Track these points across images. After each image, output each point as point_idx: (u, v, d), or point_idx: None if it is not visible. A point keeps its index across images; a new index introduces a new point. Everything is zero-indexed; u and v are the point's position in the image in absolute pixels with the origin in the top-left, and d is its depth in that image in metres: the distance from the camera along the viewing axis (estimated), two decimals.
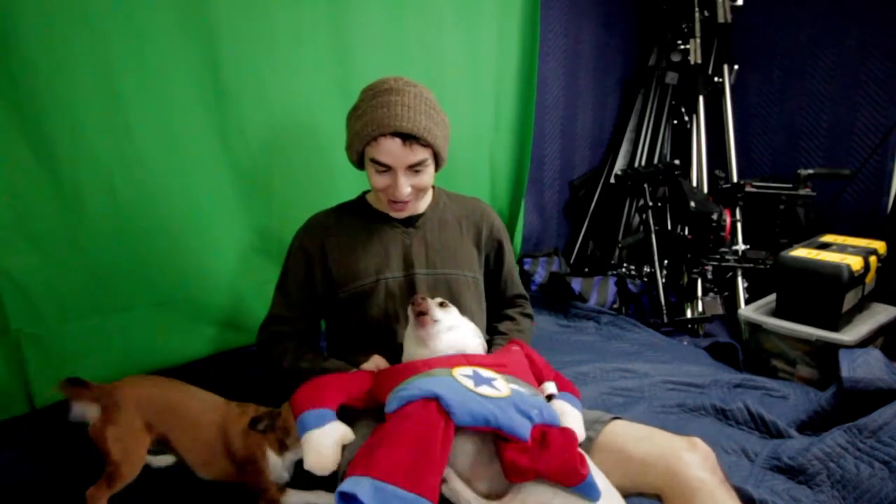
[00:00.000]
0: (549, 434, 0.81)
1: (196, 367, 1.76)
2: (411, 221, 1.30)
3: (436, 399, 0.80)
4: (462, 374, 0.87)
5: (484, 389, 0.84)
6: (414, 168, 1.17)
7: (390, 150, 1.13)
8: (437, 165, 1.24)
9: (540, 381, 1.05)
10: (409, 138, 1.12)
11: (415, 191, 1.20)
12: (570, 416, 0.97)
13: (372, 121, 1.13)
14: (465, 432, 0.82)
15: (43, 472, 1.33)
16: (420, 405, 0.79)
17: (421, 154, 1.15)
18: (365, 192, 1.37)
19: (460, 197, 1.42)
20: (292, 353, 1.25)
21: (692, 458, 0.91)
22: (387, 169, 1.16)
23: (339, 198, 1.39)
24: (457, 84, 2.18)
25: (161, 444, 1.17)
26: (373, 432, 0.81)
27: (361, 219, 1.30)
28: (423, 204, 1.32)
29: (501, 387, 0.86)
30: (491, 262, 1.39)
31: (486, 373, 0.90)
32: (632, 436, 0.99)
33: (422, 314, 1.01)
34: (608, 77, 3.10)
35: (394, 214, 1.27)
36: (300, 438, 0.90)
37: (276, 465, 1.14)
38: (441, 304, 1.07)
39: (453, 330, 1.02)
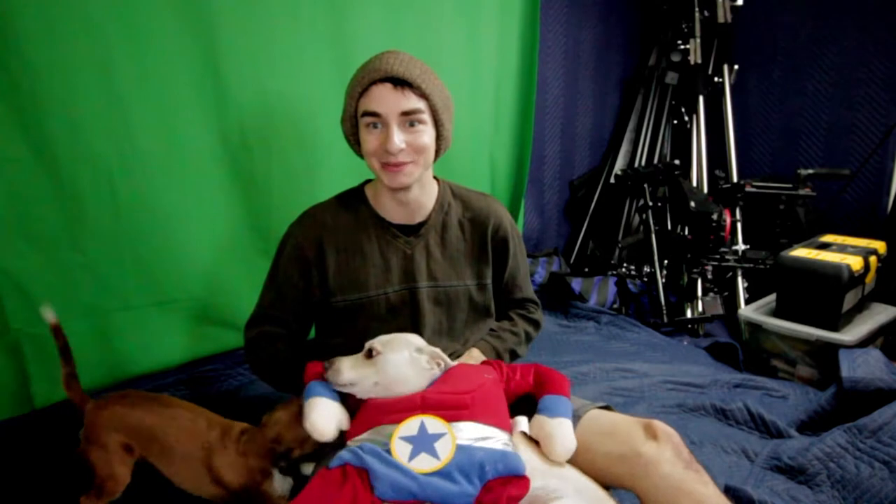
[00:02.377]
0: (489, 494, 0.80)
1: (195, 367, 1.77)
2: (414, 229, 1.21)
3: (366, 470, 0.79)
4: (404, 437, 0.84)
5: (420, 461, 0.80)
6: (408, 119, 1.08)
7: (381, 95, 1.06)
8: (439, 137, 1.14)
9: (516, 395, 1.01)
10: (400, 83, 1.06)
11: (411, 150, 1.09)
12: (555, 439, 0.90)
13: (362, 71, 1.09)
14: None
15: (43, 472, 1.33)
16: (352, 471, 0.79)
17: (415, 101, 1.07)
18: (365, 184, 1.27)
19: (468, 193, 1.30)
20: (287, 359, 1.18)
21: (653, 452, 0.90)
22: (379, 124, 1.08)
23: None
24: (457, 84, 2.17)
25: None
26: (314, 478, 0.82)
27: (362, 220, 1.21)
28: (427, 203, 1.22)
29: (444, 450, 0.82)
30: (496, 262, 1.30)
31: (434, 426, 0.85)
32: (596, 431, 0.98)
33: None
34: (608, 77, 3.10)
35: (388, 182, 1.13)
36: (307, 401, 0.93)
37: (282, 479, 1.09)
38: (369, 354, 0.96)
39: (383, 385, 0.94)
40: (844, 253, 1.88)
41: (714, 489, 0.88)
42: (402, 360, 0.96)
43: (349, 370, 0.95)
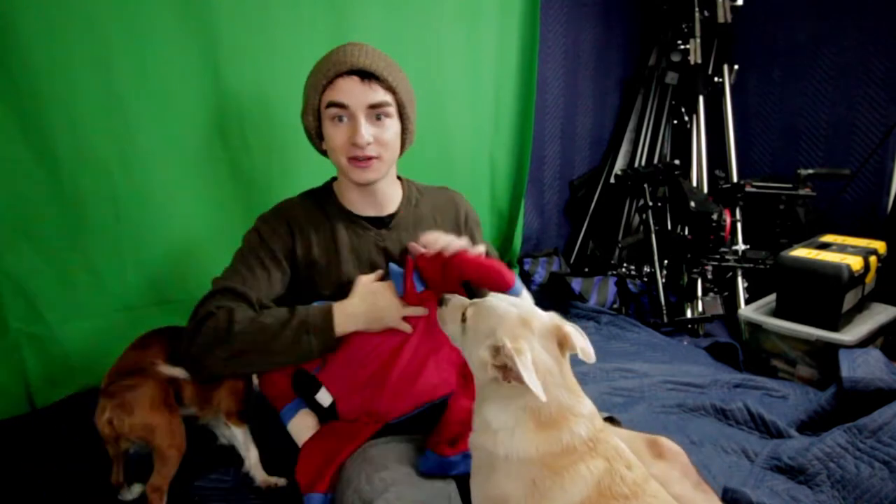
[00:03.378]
0: None
1: None
2: (385, 222, 1.21)
3: None
4: None
5: None
6: (375, 112, 1.08)
7: (348, 88, 1.06)
8: (404, 131, 1.15)
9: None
10: (367, 76, 1.06)
11: (378, 146, 1.09)
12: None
13: (326, 63, 1.08)
14: None
15: (43, 472, 1.33)
16: None
17: (382, 95, 1.08)
18: (331, 181, 1.26)
19: (430, 188, 1.32)
20: (242, 311, 1.05)
21: (661, 472, 0.88)
22: (345, 117, 1.08)
23: None
24: (457, 84, 2.18)
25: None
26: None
27: (332, 215, 1.19)
28: (395, 195, 1.22)
29: None
30: None
31: None
32: None
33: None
34: (608, 77, 3.10)
35: (356, 177, 1.12)
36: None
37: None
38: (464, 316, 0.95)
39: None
40: (844, 253, 1.88)
41: None
42: (476, 347, 0.83)
43: (451, 324, 0.88)
